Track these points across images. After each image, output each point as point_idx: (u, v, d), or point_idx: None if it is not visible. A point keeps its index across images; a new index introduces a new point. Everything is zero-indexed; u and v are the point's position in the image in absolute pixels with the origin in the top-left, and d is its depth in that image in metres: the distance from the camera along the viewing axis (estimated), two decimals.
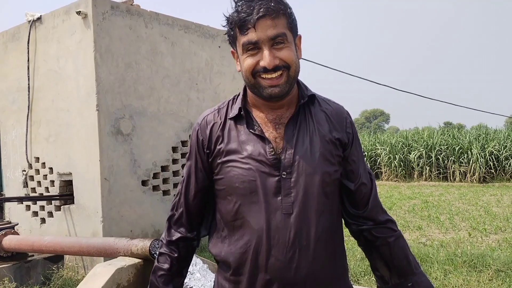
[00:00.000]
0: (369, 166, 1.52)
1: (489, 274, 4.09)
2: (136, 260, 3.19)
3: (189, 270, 1.62)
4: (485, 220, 7.78)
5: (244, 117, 1.35)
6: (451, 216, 8.26)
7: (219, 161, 1.35)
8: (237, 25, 1.27)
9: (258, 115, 1.37)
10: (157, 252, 1.52)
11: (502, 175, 14.21)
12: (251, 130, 1.33)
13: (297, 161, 1.30)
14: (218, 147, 1.36)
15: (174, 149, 5.44)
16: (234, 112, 1.37)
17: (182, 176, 1.48)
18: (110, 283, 3.01)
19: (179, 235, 1.46)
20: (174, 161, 5.44)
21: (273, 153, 1.30)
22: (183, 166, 5.51)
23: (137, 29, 5.07)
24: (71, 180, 4.94)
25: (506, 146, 14.46)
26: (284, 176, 1.29)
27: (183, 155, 5.52)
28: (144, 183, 5.08)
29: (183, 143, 5.55)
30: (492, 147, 14.44)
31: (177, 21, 5.53)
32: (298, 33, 1.36)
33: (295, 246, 1.27)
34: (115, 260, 3.24)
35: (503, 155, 14.21)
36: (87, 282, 3.05)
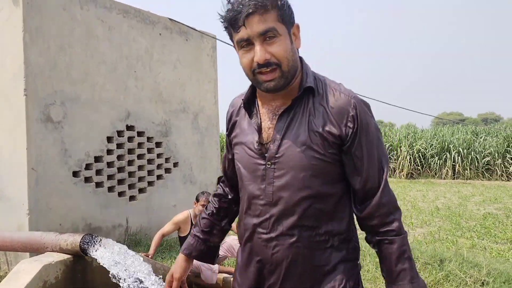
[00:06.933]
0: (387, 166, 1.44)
1: (417, 267, 4.28)
2: (66, 256, 2.99)
3: None
4: (412, 214, 8.21)
5: (249, 107, 1.48)
6: None
7: (232, 144, 1.55)
8: (229, 23, 1.33)
9: (261, 105, 1.47)
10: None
11: (428, 172, 15.20)
12: (251, 120, 1.47)
13: (282, 153, 1.37)
14: (232, 131, 1.55)
15: (109, 139, 5.20)
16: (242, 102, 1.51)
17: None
18: (37, 281, 2.79)
19: (219, 191, 1.76)
20: (109, 152, 5.19)
21: (258, 143, 1.41)
22: (118, 157, 5.28)
23: (72, 10, 4.77)
24: None
25: (432, 144, 15.47)
26: (269, 166, 1.38)
27: (118, 146, 5.29)
28: (75, 174, 4.81)
29: (119, 133, 5.32)
30: (419, 145, 15.40)
31: (116, 4, 5.27)
32: (295, 22, 1.38)
33: (273, 232, 1.39)
34: (42, 256, 3.02)
35: (429, 153, 15.20)
36: (10, 280, 2.81)
